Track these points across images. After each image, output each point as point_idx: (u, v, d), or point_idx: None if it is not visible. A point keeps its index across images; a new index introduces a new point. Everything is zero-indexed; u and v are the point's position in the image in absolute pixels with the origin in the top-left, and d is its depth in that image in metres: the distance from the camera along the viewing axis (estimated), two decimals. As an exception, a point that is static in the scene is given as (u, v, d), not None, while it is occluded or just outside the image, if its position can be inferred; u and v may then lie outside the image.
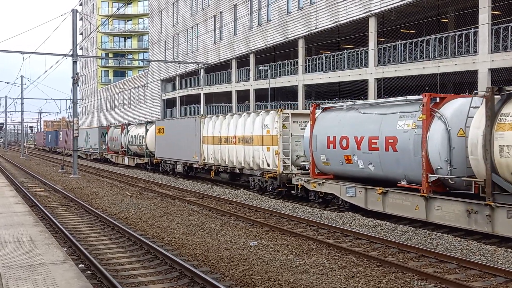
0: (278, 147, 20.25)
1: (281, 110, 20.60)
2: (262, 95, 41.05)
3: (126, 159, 40.40)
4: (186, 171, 29.86)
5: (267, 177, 20.82)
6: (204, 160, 27.02)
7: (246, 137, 22.74)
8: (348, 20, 30.75)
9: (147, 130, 35.95)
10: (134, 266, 10.46)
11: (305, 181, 18.22)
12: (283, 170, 20.10)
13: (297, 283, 8.78)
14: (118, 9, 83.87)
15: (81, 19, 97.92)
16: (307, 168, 18.77)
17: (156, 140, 33.42)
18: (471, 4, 24.02)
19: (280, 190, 20.26)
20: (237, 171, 23.76)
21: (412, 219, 14.27)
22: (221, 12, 46.93)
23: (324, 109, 18.07)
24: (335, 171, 17.24)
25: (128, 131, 40.00)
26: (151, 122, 37.00)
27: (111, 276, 9.19)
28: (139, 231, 13.98)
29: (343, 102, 19.60)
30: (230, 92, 45.62)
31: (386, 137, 14.57)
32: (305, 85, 35.48)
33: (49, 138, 75.77)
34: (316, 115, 18.02)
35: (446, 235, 12.58)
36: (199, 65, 42.21)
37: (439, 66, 24.69)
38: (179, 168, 30.23)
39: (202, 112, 49.39)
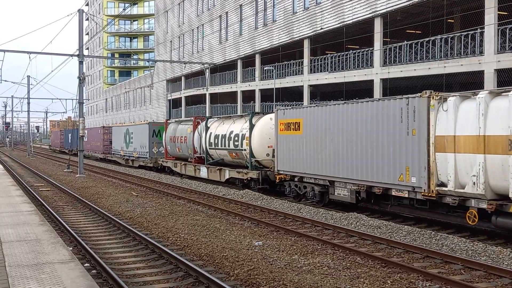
0: None
1: None
2: (267, 96, 41.06)
3: (204, 170, 27.26)
4: (366, 200, 16.67)
5: None
6: (443, 184, 13.12)
7: None
8: (353, 20, 30.71)
9: (252, 126, 22.94)
10: (139, 266, 10.49)
11: None
12: None
13: (302, 283, 8.79)
14: (124, 9, 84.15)
15: (87, 19, 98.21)
16: None
17: (278, 143, 20.96)
18: (478, 5, 23.93)
19: None
20: None
21: (416, 219, 14.21)
22: (226, 13, 46.96)
23: None
24: None
25: (207, 128, 27.21)
26: (258, 113, 24.65)
27: (116, 276, 9.23)
28: (144, 230, 14.02)
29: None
30: (235, 92, 45.64)
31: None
32: (310, 86, 35.44)
33: (69, 138, 64.46)
34: None
35: (452, 236, 12.55)
36: (205, 65, 42.24)
37: (445, 67, 24.62)
38: (342, 193, 17.26)
39: (208, 114, 49.44)
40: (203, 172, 27.30)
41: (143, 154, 37.22)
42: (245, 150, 23.29)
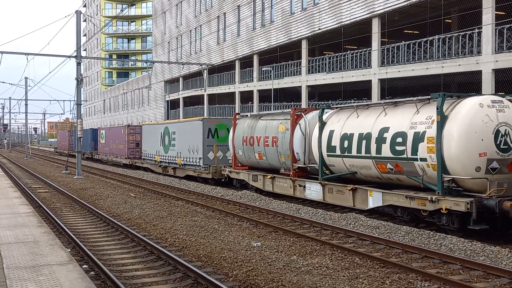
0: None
1: None
2: (265, 96, 41.08)
3: (316, 188, 18.01)
4: None
5: None
6: None
7: None
8: (351, 20, 30.74)
9: (444, 118, 13.18)
10: (137, 267, 10.47)
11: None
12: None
13: (300, 284, 8.78)
14: (121, 10, 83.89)
15: (84, 20, 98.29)
16: None
17: None
18: (475, 5, 23.97)
19: None
20: None
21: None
22: (224, 13, 46.97)
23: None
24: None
25: (323, 123, 17.78)
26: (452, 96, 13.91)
27: (114, 277, 9.21)
28: (142, 232, 13.99)
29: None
30: (233, 93, 45.65)
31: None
32: (308, 86, 35.47)
33: (81, 139, 62.01)
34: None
35: (450, 236, 12.55)
36: (203, 66, 42.24)
37: (442, 67, 24.65)
38: None
39: (205, 114, 49.43)
40: (313, 191, 18.10)
41: (194, 160, 27.82)
42: (423, 160, 13.66)
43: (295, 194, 19.30)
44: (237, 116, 24.71)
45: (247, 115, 24.28)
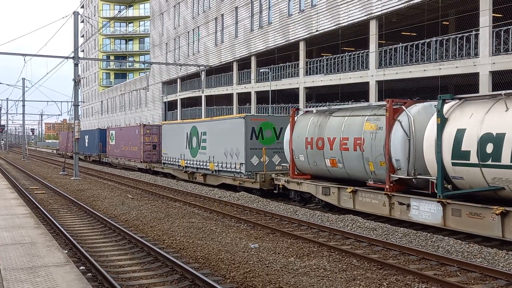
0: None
1: None
2: (263, 98, 41.07)
3: (436, 209, 13.47)
4: None
5: None
6: None
7: None
8: (349, 22, 30.76)
9: None
10: (135, 269, 10.46)
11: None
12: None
13: (298, 286, 8.78)
14: (119, 11, 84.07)
15: (82, 21, 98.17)
16: None
17: None
18: (472, 7, 24.02)
19: None
20: None
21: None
22: (222, 15, 46.97)
23: None
24: None
25: (445, 118, 13.33)
26: None
27: (112, 279, 9.20)
28: (140, 233, 13.98)
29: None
30: (231, 95, 45.64)
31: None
32: (306, 88, 35.48)
33: (86, 140, 51.44)
34: None
35: (447, 237, 12.57)
36: (200, 67, 42.23)
37: (440, 69, 24.70)
38: None
39: (203, 116, 49.43)
40: (425, 212, 13.79)
41: (232, 166, 23.70)
42: None
43: (393, 214, 14.78)
44: (296, 113, 20.04)
45: (311, 111, 19.46)
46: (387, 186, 14.89)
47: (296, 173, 19.63)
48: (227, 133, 24.21)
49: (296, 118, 19.75)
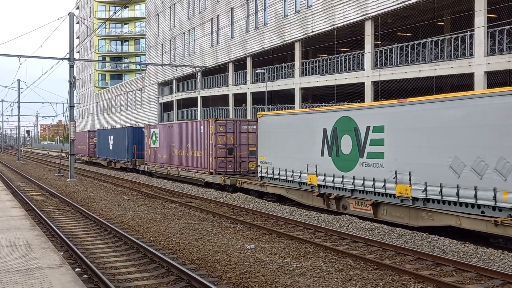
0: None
1: None
2: (259, 99, 41.08)
3: None
4: None
5: None
6: None
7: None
8: (344, 23, 30.82)
9: None
10: (131, 270, 10.43)
11: None
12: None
13: (294, 286, 8.78)
14: (115, 12, 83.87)
15: (78, 22, 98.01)
16: None
17: None
18: (467, 7, 24.11)
19: None
20: None
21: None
22: (218, 16, 46.98)
23: None
24: None
25: None
26: None
27: (107, 280, 9.18)
28: (136, 234, 13.95)
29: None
30: (227, 96, 45.64)
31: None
32: (302, 88, 35.51)
33: (110, 142, 42.37)
34: None
35: (443, 238, 12.59)
36: (196, 68, 42.21)
37: (435, 69, 24.76)
38: None
39: (199, 117, 49.38)
40: None
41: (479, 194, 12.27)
42: None
43: None
44: None
45: None
46: None
47: None
48: (464, 127, 12.66)
49: None
